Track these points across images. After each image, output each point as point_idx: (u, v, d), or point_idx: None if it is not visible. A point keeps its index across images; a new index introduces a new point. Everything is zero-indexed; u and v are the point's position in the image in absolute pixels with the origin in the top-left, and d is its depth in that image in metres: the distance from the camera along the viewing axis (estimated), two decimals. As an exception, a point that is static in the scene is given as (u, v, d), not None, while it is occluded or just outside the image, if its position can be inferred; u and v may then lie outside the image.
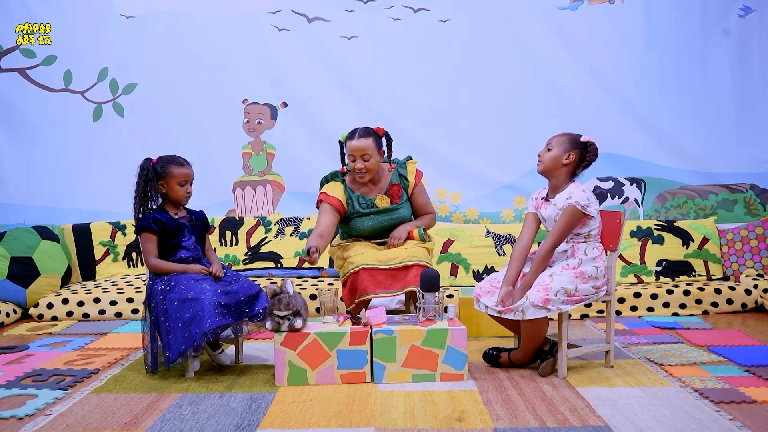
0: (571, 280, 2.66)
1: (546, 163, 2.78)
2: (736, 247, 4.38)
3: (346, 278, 3.05)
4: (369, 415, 2.34)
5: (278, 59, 4.82)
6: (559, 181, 2.78)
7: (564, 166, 2.76)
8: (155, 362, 2.84)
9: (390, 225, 3.21)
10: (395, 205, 3.19)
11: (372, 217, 3.18)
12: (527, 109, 4.75)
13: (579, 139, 2.77)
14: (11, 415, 2.37)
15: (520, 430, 2.19)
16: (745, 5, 4.66)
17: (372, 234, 3.21)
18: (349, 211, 3.17)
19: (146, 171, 2.90)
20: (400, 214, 3.22)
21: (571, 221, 2.68)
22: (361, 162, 3.07)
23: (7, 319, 3.97)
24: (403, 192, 3.22)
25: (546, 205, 2.82)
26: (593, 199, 2.73)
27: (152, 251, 2.89)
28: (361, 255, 3.04)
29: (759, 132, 4.71)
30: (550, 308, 2.61)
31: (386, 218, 3.19)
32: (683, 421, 2.24)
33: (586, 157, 2.77)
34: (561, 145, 2.76)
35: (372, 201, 3.17)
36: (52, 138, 4.83)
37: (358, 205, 3.16)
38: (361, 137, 3.06)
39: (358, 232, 3.22)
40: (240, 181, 4.89)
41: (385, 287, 2.96)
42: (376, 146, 3.09)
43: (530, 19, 4.74)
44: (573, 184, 2.77)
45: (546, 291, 2.62)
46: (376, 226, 3.19)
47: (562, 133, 2.82)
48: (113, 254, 4.68)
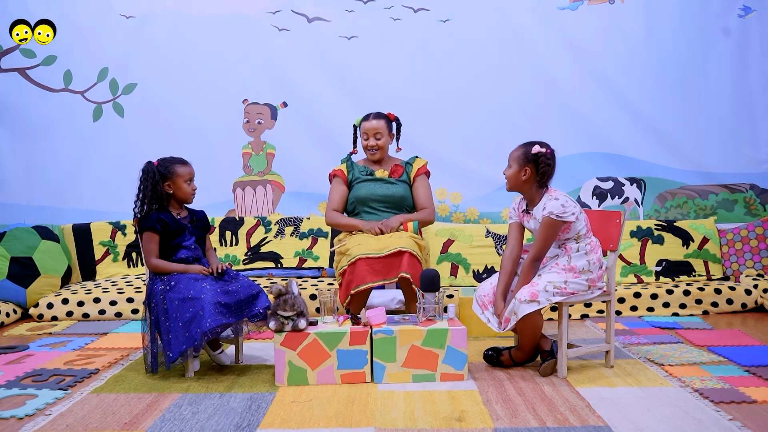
0: (560, 276, 2.68)
1: (509, 182, 2.80)
2: (736, 247, 4.38)
3: (344, 270, 3.13)
4: (369, 415, 2.34)
5: (278, 59, 4.82)
6: (529, 194, 2.79)
7: (525, 182, 2.75)
8: (155, 362, 2.84)
9: (385, 193, 3.40)
10: (392, 178, 3.44)
11: (368, 183, 3.43)
12: (527, 109, 4.75)
13: (531, 152, 2.72)
14: (11, 415, 2.37)
15: (520, 430, 2.19)
16: (745, 5, 4.66)
17: (367, 196, 3.40)
18: (350, 178, 3.47)
19: (152, 174, 2.90)
20: (396, 189, 3.42)
21: (549, 232, 2.68)
22: (374, 140, 3.43)
23: (7, 319, 3.97)
24: (404, 174, 3.46)
25: (528, 218, 2.82)
26: (569, 204, 2.69)
27: (153, 251, 2.90)
28: (357, 246, 3.14)
29: (759, 132, 4.70)
30: (540, 300, 2.62)
31: (381, 185, 3.42)
32: (683, 421, 2.24)
33: (540, 168, 2.71)
34: (516, 160, 2.75)
35: (372, 170, 3.47)
36: (52, 138, 4.83)
37: (358, 173, 3.47)
38: (375, 119, 3.44)
39: (357, 198, 3.42)
40: (240, 181, 4.89)
41: (382, 275, 3.08)
42: (387, 128, 3.46)
43: (530, 19, 4.74)
44: (546, 194, 2.75)
45: (533, 286, 2.65)
46: (371, 189, 3.41)
47: (519, 145, 2.79)
48: (113, 254, 4.68)
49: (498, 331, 2.75)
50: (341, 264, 3.19)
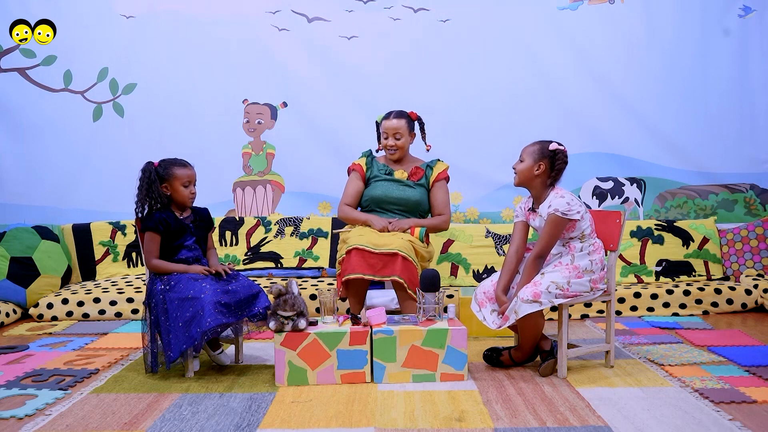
0: (563, 276, 2.67)
1: (519, 176, 2.81)
2: (736, 247, 4.38)
3: (342, 259, 3.16)
4: (369, 415, 2.34)
5: (278, 59, 4.82)
6: (537, 191, 2.80)
7: (537, 176, 2.77)
8: (155, 362, 2.84)
9: (401, 196, 3.37)
10: (410, 181, 3.41)
11: (385, 183, 3.41)
12: (527, 109, 4.74)
13: (548, 148, 2.76)
14: (11, 415, 2.37)
15: (520, 430, 2.19)
16: (745, 5, 4.66)
17: (382, 197, 3.38)
18: (368, 175, 3.46)
19: (149, 174, 2.90)
20: (413, 192, 3.39)
21: (554, 230, 2.69)
22: (393, 140, 3.41)
23: (7, 319, 3.97)
24: (423, 178, 3.44)
25: (534, 216, 2.83)
26: (575, 202, 2.72)
27: (154, 251, 2.90)
28: (358, 237, 3.16)
29: (759, 132, 4.70)
30: (542, 301, 2.61)
31: (398, 187, 3.40)
32: (683, 421, 2.24)
33: (555, 165, 2.76)
34: (531, 155, 2.77)
35: (391, 170, 3.45)
36: (52, 138, 4.83)
37: (377, 170, 3.45)
38: (395, 118, 3.41)
39: (371, 197, 3.40)
40: (240, 181, 4.89)
41: (374, 270, 3.08)
42: (408, 128, 3.43)
43: (530, 19, 4.74)
44: (552, 192, 2.77)
45: (535, 286, 2.64)
46: (387, 190, 3.39)
47: (534, 142, 2.82)
48: (113, 254, 4.68)
49: (493, 328, 2.74)
50: (341, 252, 3.23)
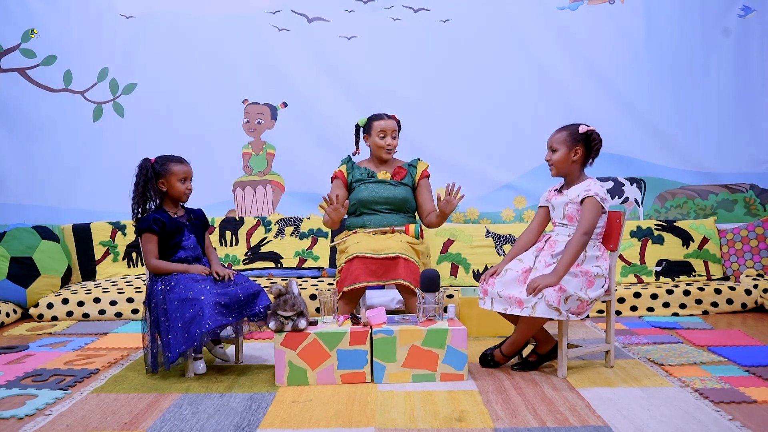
0: (582, 286, 2.65)
1: (557, 166, 2.78)
2: (736, 247, 4.38)
3: (341, 268, 3.16)
4: (369, 415, 2.34)
5: (278, 59, 4.82)
6: (573, 177, 2.80)
7: (574, 163, 2.77)
8: (155, 362, 2.84)
9: (387, 195, 3.37)
10: (394, 180, 3.42)
11: (369, 185, 3.40)
12: (527, 109, 4.75)
13: (578, 132, 2.75)
14: (11, 415, 2.37)
15: (520, 430, 2.19)
16: (745, 5, 4.66)
17: (369, 199, 3.36)
18: (350, 180, 3.44)
19: (145, 170, 2.91)
20: (398, 191, 3.39)
21: (592, 213, 2.67)
22: (390, 138, 3.42)
23: (7, 319, 3.97)
24: (407, 177, 3.44)
25: (557, 195, 2.83)
26: (608, 197, 2.77)
27: (153, 252, 2.90)
28: (356, 244, 3.16)
29: (759, 132, 4.71)
30: (561, 311, 2.60)
31: (384, 187, 3.39)
32: (683, 421, 2.24)
33: (593, 146, 2.77)
34: (564, 143, 2.76)
35: (374, 172, 3.44)
36: (52, 138, 4.83)
37: (359, 174, 3.44)
38: (390, 119, 3.44)
39: (359, 200, 3.38)
40: (240, 181, 4.89)
41: (377, 276, 3.09)
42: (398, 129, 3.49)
43: (530, 19, 4.74)
44: (590, 179, 2.78)
45: (562, 292, 2.58)
46: (372, 191, 3.38)
47: (559, 129, 2.81)
48: (113, 254, 4.68)
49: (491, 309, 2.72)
50: (340, 261, 3.23)
